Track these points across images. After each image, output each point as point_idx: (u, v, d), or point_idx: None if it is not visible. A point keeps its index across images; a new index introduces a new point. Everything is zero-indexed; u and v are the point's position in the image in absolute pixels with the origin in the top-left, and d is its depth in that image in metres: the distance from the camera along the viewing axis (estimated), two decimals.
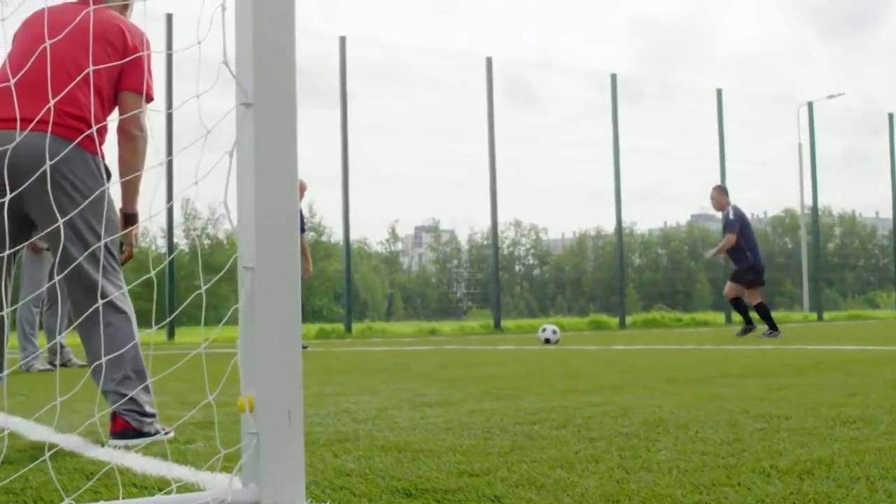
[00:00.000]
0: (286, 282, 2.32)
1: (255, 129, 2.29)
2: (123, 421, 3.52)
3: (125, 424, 3.52)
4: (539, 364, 7.76)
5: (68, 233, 3.44)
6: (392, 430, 3.71)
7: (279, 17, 2.34)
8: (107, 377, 3.51)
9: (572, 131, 31.80)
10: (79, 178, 3.46)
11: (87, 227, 3.49)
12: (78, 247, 3.50)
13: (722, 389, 4.88)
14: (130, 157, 3.67)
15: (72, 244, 3.48)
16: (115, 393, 3.52)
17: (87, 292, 3.49)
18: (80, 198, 3.43)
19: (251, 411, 2.27)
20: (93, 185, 3.50)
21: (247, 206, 2.31)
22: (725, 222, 12.45)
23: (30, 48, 3.51)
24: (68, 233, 3.44)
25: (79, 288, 3.50)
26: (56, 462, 3.08)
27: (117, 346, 3.48)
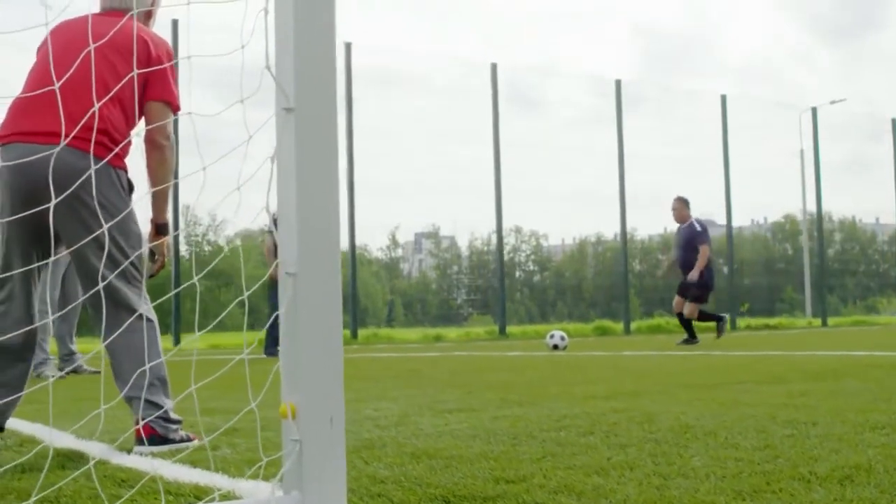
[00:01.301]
0: (328, 287, 2.31)
1: (296, 134, 2.28)
2: (150, 428, 3.51)
3: (152, 431, 3.51)
4: (552, 370, 7.74)
5: (92, 247, 3.43)
6: (417, 436, 3.69)
7: (320, 19, 2.33)
8: (132, 384, 3.50)
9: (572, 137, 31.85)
10: (102, 192, 3.46)
11: (111, 241, 3.50)
12: (102, 260, 3.50)
13: (742, 395, 4.87)
14: (158, 167, 3.67)
15: (96, 257, 3.48)
16: (140, 399, 3.51)
17: (112, 303, 3.49)
18: (104, 212, 3.44)
19: (293, 418, 2.26)
20: (116, 199, 3.52)
21: (288, 212, 2.30)
22: (693, 234, 12.16)
23: (54, 62, 3.50)
24: (92, 247, 3.43)
25: (104, 300, 3.49)
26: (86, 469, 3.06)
27: (141, 354, 3.47)
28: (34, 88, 3.55)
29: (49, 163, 3.23)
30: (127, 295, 3.53)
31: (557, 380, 6.46)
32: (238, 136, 2.48)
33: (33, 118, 3.48)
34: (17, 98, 3.59)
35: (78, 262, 3.57)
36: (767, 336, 16.16)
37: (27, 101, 3.54)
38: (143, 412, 3.50)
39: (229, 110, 2.52)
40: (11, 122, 3.53)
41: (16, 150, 3.46)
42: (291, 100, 2.28)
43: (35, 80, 3.61)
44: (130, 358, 3.46)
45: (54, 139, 3.40)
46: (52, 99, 3.42)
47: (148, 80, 3.59)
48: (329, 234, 2.31)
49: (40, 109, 3.49)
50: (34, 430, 4.08)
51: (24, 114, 3.53)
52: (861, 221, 49.44)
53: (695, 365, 8.06)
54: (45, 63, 3.64)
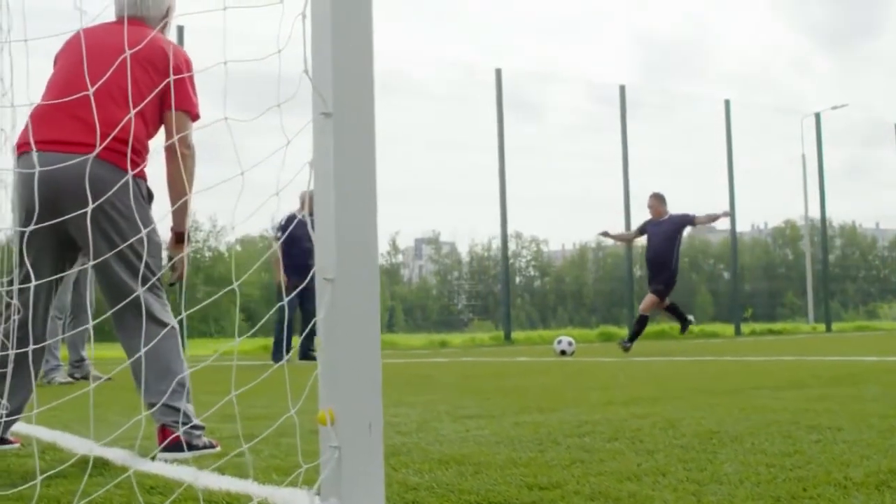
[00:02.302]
0: (366, 293, 2.29)
1: (334, 139, 2.26)
2: (172, 433, 3.49)
3: (176, 438, 3.49)
4: (565, 376, 7.73)
5: (114, 256, 3.42)
6: (441, 442, 3.68)
7: (358, 23, 2.32)
8: (153, 390, 3.49)
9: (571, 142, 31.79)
10: (123, 202, 3.44)
11: (132, 251, 3.49)
12: (123, 269, 3.50)
13: (762, 401, 4.85)
14: (178, 176, 3.68)
15: (117, 266, 3.47)
16: (162, 405, 3.49)
17: (134, 311, 3.47)
18: (124, 221, 3.43)
19: (332, 424, 2.24)
20: (136, 208, 3.51)
21: (326, 217, 2.28)
22: (675, 224, 12.03)
23: (74, 71, 3.49)
24: (114, 256, 3.42)
25: (125, 308, 3.47)
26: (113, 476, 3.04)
27: (163, 360, 3.47)
28: (54, 97, 3.55)
29: (69, 172, 3.22)
30: (148, 303, 3.52)
31: (572, 386, 6.45)
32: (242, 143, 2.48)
33: (53, 127, 3.47)
34: (36, 106, 3.58)
35: (99, 271, 3.56)
36: (773, 341, 16.14)
37: (47, 110, 3.53)
38: (165, 418, 3.49)
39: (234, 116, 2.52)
40: (30, 130, 3.52)
41: (31, 159, 3.45)
42: (330, 104, 2.27)
43: (55, 88, 3.60)
44: (151, 364, 3.45)
45: (74, 148, 3.39)
46: (71, 108, 3.42)
47: (167, 89, 3.58)
48: (367, 239, 2.30)
49: (60, 118, 3.48)
50: (54, 436, 4.06)
51: (44, 122, 3.52)
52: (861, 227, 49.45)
53: (708, 370, 8.04)
54: (64, 72, 3.63)
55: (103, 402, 5.49)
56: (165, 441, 3.49)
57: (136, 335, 3.47)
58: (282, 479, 2.93)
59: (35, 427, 4.32)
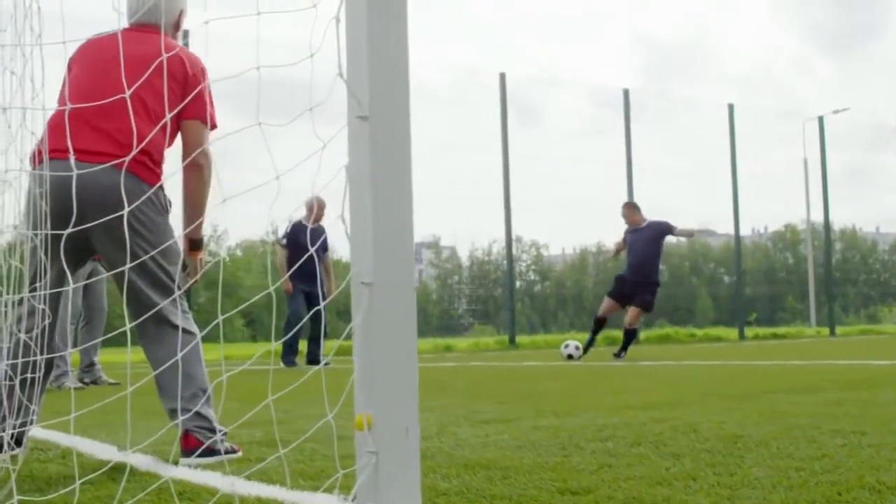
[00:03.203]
0: (403, 297, 2.28)
1: (370, 142, 2.25)
2: (195, 439, 3.48)
3: (197, 442, 3.47)
4: (577, 380, 7.71)
5: (135, 267, 3.41)
6: (462, 447, 3.67)
7: (393, 26, 2.31)
8: (174, 395, 3.48)
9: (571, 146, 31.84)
10: (143, 212, 3.44)
11: (152, 260, 3.49)
12: (144, 278, 3.50)
13: (779, 405, 4.84)
14: (196, 185, 3.70)
15: (138, 277, 3.47)
16: (184, 410, 3.48)
17: (154, 319, 3.48)
18: (146, 231, 3.44)
19: (369, 429, 2.23)
20: (156, 218, 3.52)
21: (362, 221, 2.27)
22: (656, 230, 11.71)
23: (91, 79, 3.47)
24: (135, 267, 3.41)
25: (146, 317, 3.46)
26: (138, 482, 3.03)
27: (185, 366, 3.45)
28: (74, 96, 3.54)
29: (88, 181, 3.22)
30: (168, 310, 3.52)
31: (586, 390, 6.44)
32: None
33: (72, 136, 3.45)
34: (53, 115, 3.57)
35: (119, 280, 3.57)
36: (778, 345, 16.13)
37: (64, 119, 3.52)
38: (188, 423, 3.48)
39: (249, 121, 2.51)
40: (48, 139, 3.50)
41: (53, 167, 3.44)
42: (366, 108, 2.26)
43: (72, 97, 3.58)
44: (173, 370, 3.44)
45: (95, 157, 3.38)
46: (90, 118, 3.41)
47: (186, 104, 3.58)
48: (404, 243, 2.29)
49: (79, 127, 3.47)
50: (73, 441, 4.04)
51: (62, 131, 3.50)
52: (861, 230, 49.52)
53: (719, 374, 8.04)
54: (81, 80, 3.61)
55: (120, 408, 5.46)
56: (189, 446, 3.48)
57: (158, 343, 3.50)
58: (308, 484, 2.92)
59: (52, 432, 4.30)
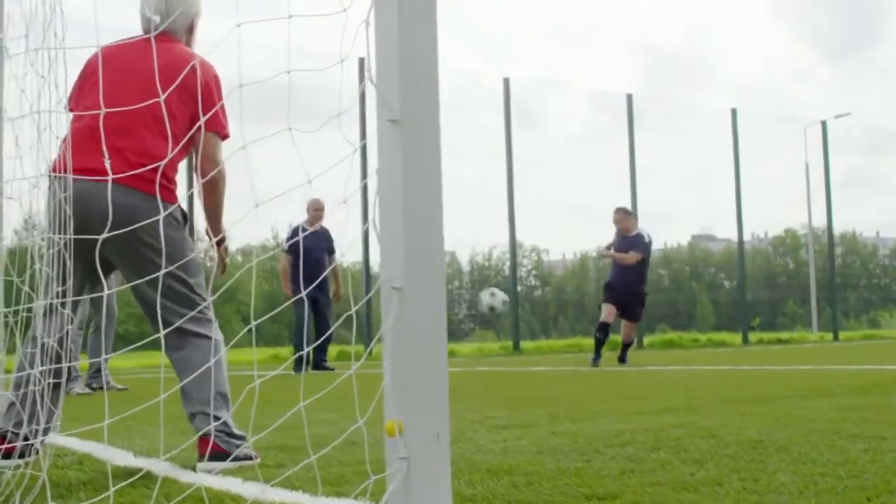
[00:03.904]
0: (434, 302, 2.27)
1: (402, 146, 2.24)
2: (213, 444, 3.46)
3: (215, 447, 3.46)
4: (589, 385, 7.71)
5: (153, 282, 3.40)
6: (482, 452, 3.65)
7: (424, 28, 2.30)
8: (194, 399, 3.48)
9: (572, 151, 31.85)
10: (158, 229, 3.43)
11: (172, 276, 3.48)
12: (164, 293, 3.48)
13: (795, 410, 4.82)
14: (210, 194, 3.76)
15: (157, 291, 3.44)
16: (203, 414, 3.47)
17: (176, 330, 3.48)
18: (161, 246, 3.41)
19: (401, 435, 2.22)
20: (173, 234, 3.52)
21: (393, 226, 2.26)
22: (638, 242, 11.40)
23: (106, 95, 3.46)
24: (153, 282, 3.40)
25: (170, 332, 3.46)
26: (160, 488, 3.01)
27: (206, 371, 3.45)
28: (88, 121, 3.53)
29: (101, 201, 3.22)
30: (190, 321, 3.51)
31: (598, 395, 6.43)
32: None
33: (87, 154, 3.45)
34: (72, 126, 3.57)
35: (140, 296, 3.57)
36: (783, 350, 16.11)
37: (81, 136, 3.52)
38: (206, 426, 3.46)
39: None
40: (66, 154, 3.50)
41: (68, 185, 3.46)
42: (396, 111, 2.25)
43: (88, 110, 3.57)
44: (192, 374, 3.45)
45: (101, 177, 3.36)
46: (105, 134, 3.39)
47: (197, 110, 3.57)
48: (434, 247, 2.28)
49: (94, 146, 3.47)
50: (90, 447, 4.03)
51: (79, 147, 3.50)
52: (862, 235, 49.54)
53: (729, 379, 8.03)
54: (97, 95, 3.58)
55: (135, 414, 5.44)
56: (206, 451, 3.46)
57: (180, 351, 3.53)
58: (329, 490, 2.91)
59: (68, 438, 4.29)
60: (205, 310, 3.60)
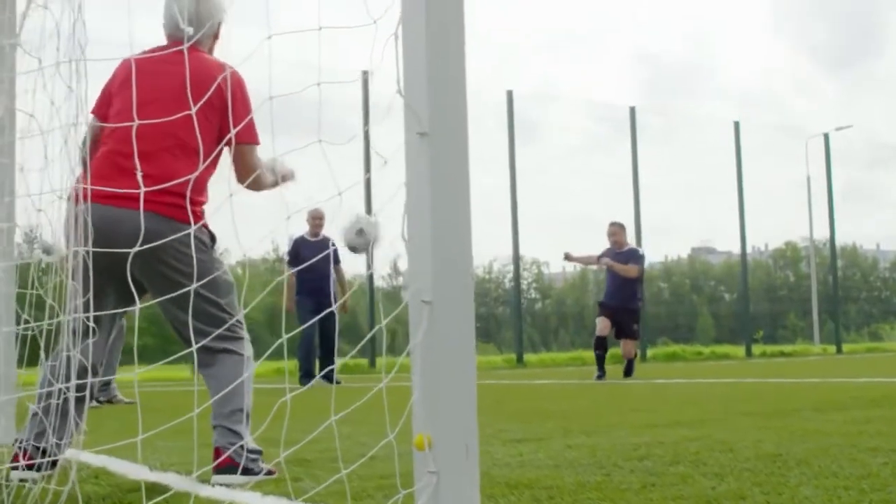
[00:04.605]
0: (463, 315, 2.26)
1: (430, 159, 2.24)
2: (228, 457, 3.45)
3: (230, 461, 3.45)
4: (597, 398, 7.69)
5: (183, 305, 3.37)
6: (499, 466, 3.64)
7: (452, 41, 2.30)
8: (217, 412, 3.48)
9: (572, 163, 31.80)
10: (182, 251, 3.42)
11: (202, 298, 3.48)
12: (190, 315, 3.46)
13: (809, 423, 4.81)
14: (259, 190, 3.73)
15: (185, 313, 3.42)
16: (221, 427, 3.46)
17: (208, 351, 3.50)
18: (188, 269, 3.40)
19: (430, 448, 2.21)
20: (199, 256, 3.49)
21: (422, 238, 2.25)
22: (633, 255, 11.44)
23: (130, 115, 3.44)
24: (183, 305, 3.37)
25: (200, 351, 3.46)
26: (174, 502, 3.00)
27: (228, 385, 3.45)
28: (112, 144, 3.54)
29: (125, 228, 3.24)
30: (220, 339, 3.51)
31: (608, 408, 6.41)
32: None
33: (110, 179, 3.45)
34: (95, 153, 3.59)
35: (171, 319, 3.58)
36: (788, 363, 16.08)
37: (105, 160, 3.54)
38: (222, 440, 3.46)
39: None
40: (94, 178, 3.49)
41: (95, 210, 3.45)
42: (425, 124, 2.24)
43: (113, 135, 3.55)
44: (216, 390, 3.47)
45: (130, 203, 3.34)
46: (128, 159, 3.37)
47: (225, 124, 3.55)
48: (463, 260, 2.27)
49: (117, 171, 3.47)
50: (103, 461, 4.01)
51: (104, 173, 3.50)
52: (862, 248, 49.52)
53: (739, 392, 8.01)
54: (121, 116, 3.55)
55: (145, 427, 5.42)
56: (222, 464, 3.45)
57: (209, 367, 3.54)
58: None
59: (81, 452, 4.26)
60: (236, 328, 3.60)
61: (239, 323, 3.62)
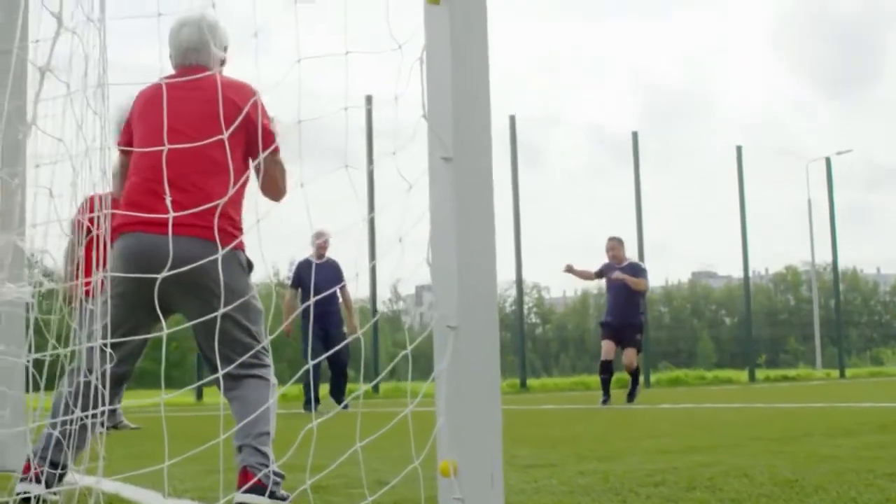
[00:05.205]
0: (488, 341, 2.26)
1: (455, 183, 2.24)
2: (254, 476, 3.44)
3: (257, 481, 3.43)
4: (605, 424, 7.66)
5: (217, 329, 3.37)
6: (516, 493, 3.61)
7: (476, 67, 2.30)
8: (242, 433, 3.46)
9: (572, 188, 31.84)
10: (227, 278, 3.41)
11: (236, 323, 3.49)
12: (227, 342, 3.48)
13: (821, 448, 4.78)
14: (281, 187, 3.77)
15: (220, 342, 3.42)
16: (250, 447, 3.45)
17: (234, 377, 3.49)
18: (230, 295, 3.39)
19: (455, 475, 2.20)
20: (240, 280, 3.52)
21: (446, 263, 2.25)
22: (637, 270, 11.46)
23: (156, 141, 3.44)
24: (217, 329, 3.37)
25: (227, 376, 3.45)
26: None
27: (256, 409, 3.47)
28: (142, 171, 3.55)
29: (166, 254, 3.24)
30: (247, 366, 3.51)
31: (617, 434, 6.38)
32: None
33: (146, 207, 3.46)
34: (130, 178, 3.60)
35: (203, 344, 3.57)
36: (792, 388, 16.02)
37: (139, 188, 3.54)
38: (250, 458, 3.44)
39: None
40: (129, 206, 3.50)
41: (131, 238, 3.47)
42: (450, 149, 2.24)
43: (142, 162, 3.57)
44: (242, 413, 3.47)
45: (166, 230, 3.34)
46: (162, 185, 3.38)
47: (249, 140, 3.56)
48: (488, 285, 2.26)
49: (151, 198, 3.47)
50: (117, 487, 3.98)
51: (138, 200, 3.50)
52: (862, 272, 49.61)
53: (749, 417, 7.98)
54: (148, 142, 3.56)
55: (152, 452, 5.42)
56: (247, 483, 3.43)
57: (235, 391, 3.52)
58: None
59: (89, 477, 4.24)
60: (262, 356, 3.59)
61: (265, 350, 3.62)
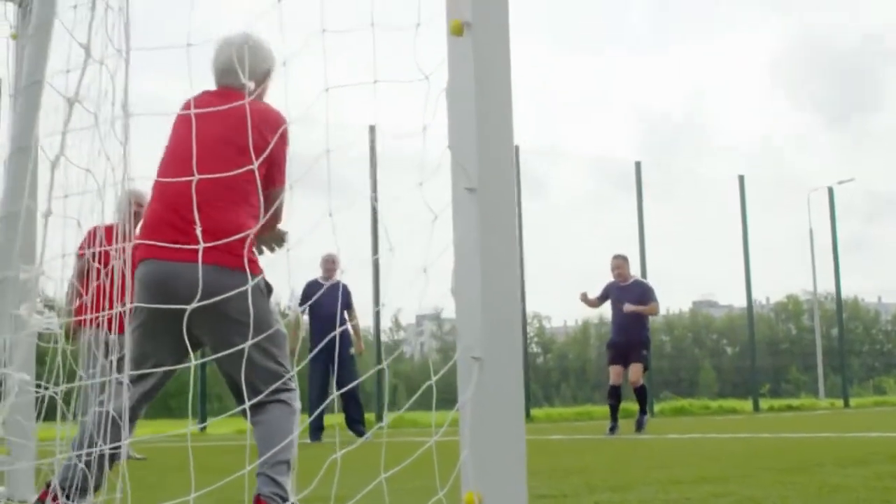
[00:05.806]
0: (513, 371, 2.25)
1: (479, 214, 2.24)
2: None
3: None
4: (615, 454, 7.62)
5: (241, 355, 3.36)
6: None
7: (500, 97, 2.31)
8: (263, 460, 3.46)
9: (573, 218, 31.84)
10: (246, 304, 3.41)
11: (259, 348, 3.47)
12: (251, 371, 3.43)
13: (833, 478, 4.76)
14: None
15: (245, 368, 3.41)
16: (265, 475, 3.44)
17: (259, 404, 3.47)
18: (247, 320, 3.39)
19: None
20: (262, 307, 3.51)
21: (471, 294, 2.25)
22: (645, 290, 11.47)
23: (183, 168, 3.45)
24: (241, 355, 3.36)
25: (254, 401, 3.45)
26: None
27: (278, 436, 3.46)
28: (164, 197, 3.56)
29: (185, 281, 3.28)
30: (271, 393, 3.52)
31: (628, 464, 6.35)
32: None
33: (166, 234, 3.47)
34: (151, 204, 3.61)
35: (227, 372, 3.57)
36: (797, 417, 15.95)
37: (159, 214, 3.55)
38: (265, 488, 3.43)
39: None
40: (149, 234, 3.51)
41: (153, 266, 3.48)
42: (474, 180, 2.24)
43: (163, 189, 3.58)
44: (264, 440, 3.48)
45: (188, 256, 3.34)
46: (183, 211, 3.42)
47: (270, 169, 3.58)
48: (512, 316, 2.26)
49: (171, 226, 3.49)
50: None
51: (157, 230, 3.51)
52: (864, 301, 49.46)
53: (758, 447, 7.95)
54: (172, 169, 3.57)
55: (162, 484, 5.39)
56: None
57: (259, 415, 3.51)
58: None
59: None
60: (287, 381, 3.59)
61: (291, 377, 3.61)
